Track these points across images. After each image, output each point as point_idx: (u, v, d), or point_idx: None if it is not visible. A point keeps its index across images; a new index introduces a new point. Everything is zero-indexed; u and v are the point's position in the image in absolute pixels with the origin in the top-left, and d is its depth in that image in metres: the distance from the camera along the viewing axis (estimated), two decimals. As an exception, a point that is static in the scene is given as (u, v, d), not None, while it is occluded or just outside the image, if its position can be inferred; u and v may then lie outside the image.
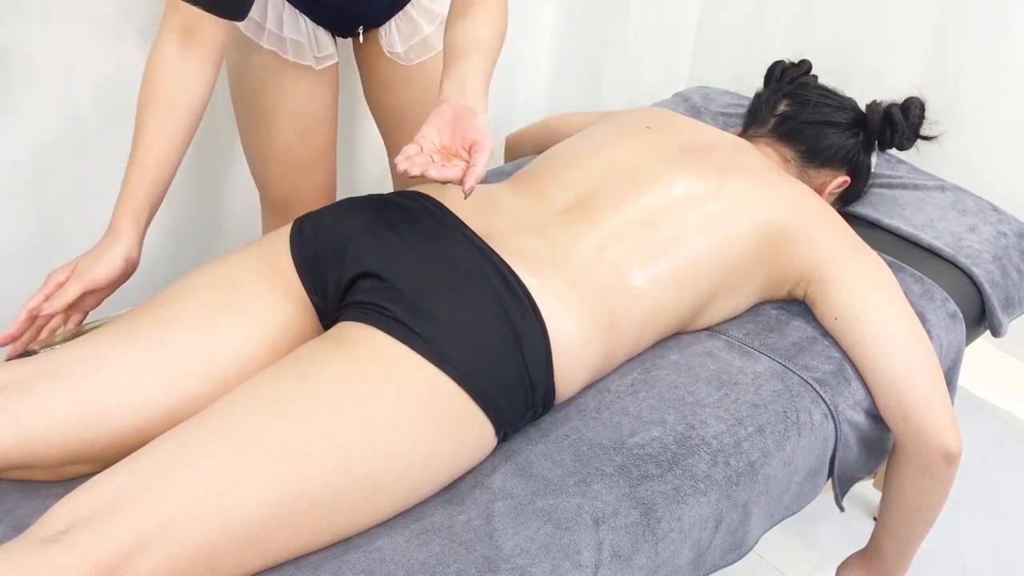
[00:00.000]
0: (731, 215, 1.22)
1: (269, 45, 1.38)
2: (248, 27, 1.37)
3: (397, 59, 1.50)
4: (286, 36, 1.38)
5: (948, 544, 1.67)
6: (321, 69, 1.44)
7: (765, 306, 1.33)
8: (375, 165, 1.97)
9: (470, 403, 1.00)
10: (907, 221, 1.53)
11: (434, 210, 1.15)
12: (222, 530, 0.87)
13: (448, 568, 0.94)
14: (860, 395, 1.24)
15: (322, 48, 1.43)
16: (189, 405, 1.02)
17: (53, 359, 1.02)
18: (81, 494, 0.88)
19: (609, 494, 1.03)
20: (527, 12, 2.05)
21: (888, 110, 1.44)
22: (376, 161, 1.96)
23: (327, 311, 1.12)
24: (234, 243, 1.84)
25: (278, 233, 1.16)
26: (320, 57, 1.43)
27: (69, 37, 1.47)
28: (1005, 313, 1.48)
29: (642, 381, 1.19)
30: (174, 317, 1.06)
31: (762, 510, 1.15)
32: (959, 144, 1.82)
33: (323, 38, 1.43)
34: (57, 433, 0.97)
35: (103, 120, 1.56)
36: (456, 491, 1.03)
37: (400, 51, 1.49)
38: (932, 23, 1.89)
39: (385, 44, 1.49)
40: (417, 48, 1.49)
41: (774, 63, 1.56)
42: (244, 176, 1.77)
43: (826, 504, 1.36)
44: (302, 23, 1.39)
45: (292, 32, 1.39)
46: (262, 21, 1.37)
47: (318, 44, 1.42)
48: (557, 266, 1.12)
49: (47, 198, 1.57)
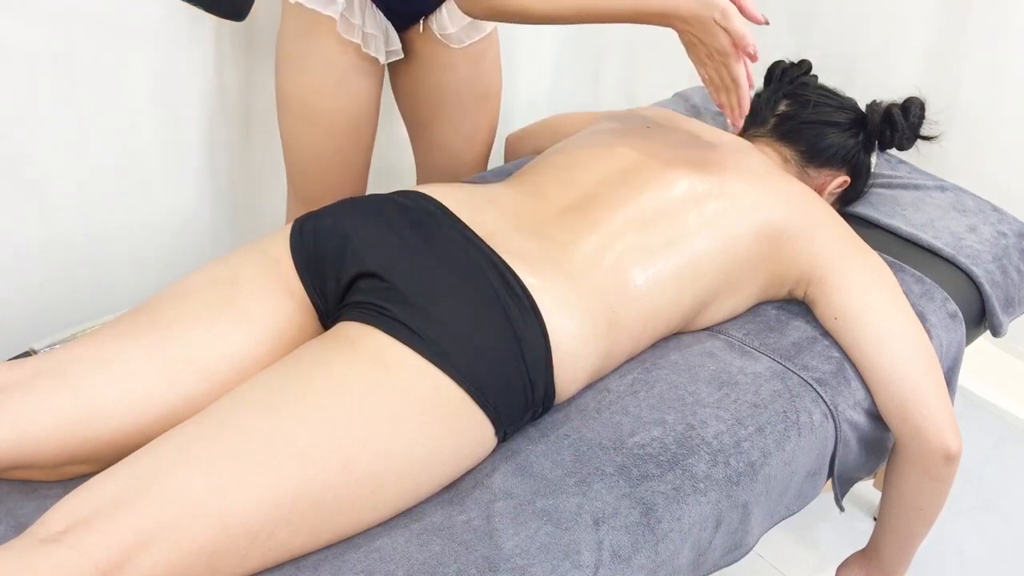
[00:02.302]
0: (731, 215, 1.22)
1: (354, 38, 1.41)
2: (341, 25, 1.40)
3: (449, 41, 1.51)
4: (369, 31, 1.41)
5: (948, 544, 1.67)
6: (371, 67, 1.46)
7: (765, 306, 1.34)
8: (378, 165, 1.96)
9: (470, 403, 1.00)
10: (907, 221, 1.53)
11: (434, 210, 1.15)
12: (223, 529, 0.87)
13: (448, 568, 0.94)
14: (860, 395, 1.24)
15: (391, 42, 1.46)
16: (189, 405, 1.02)
17: (53, 359, 1.02)
18: (81, 494, 0.88)
19: (609, 494, 1.03)
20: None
21: (888, 110, 1.44)
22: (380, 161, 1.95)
23: (327, 311, 1.12)
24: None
25: (278, 233, 1.16)
26: (390, 51, 1.47)
27: (69, 37, 1.47)
28: (1005, 313, 1.48)
29: (642, 381, 1.19)
30: (174, 317, 1.06)
31: (762, 510, 1.15)
32: (959, 144, 1.82)
33: (391, 33, 1.46)
34: (57, 433, 0.97)
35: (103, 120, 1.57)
36: (456, 491, 1.03)
37: (452, 32, 1.49)
38: (932, 23, 1.89)
39: (437, 27, 1.49)
40: (468, 29, 1.50)
41: (774, 63, 1.56)
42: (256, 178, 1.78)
43: (826, 504, 1.36)
44: (379, 17, 1.43)
45: (372, 27, 1.42)
46: (350, 16, 1.39)
47: (388, 38, 1.45)
48: (557, 266, 1.12)
49: (48, 197, 1.57)
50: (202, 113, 1.68)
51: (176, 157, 1.68)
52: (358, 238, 1.11)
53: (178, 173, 1.70)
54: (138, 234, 1.70)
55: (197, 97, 1.66)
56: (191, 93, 1.65)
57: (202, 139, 1.70)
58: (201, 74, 1.64)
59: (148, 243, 1.72)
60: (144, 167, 1.65)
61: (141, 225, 1.69)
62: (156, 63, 1.58)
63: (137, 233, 1.70)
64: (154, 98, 1.61)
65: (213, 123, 1.70)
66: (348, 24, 1.40)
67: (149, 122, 1.62)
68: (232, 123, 1.72)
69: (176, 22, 1.57)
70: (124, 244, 1.69)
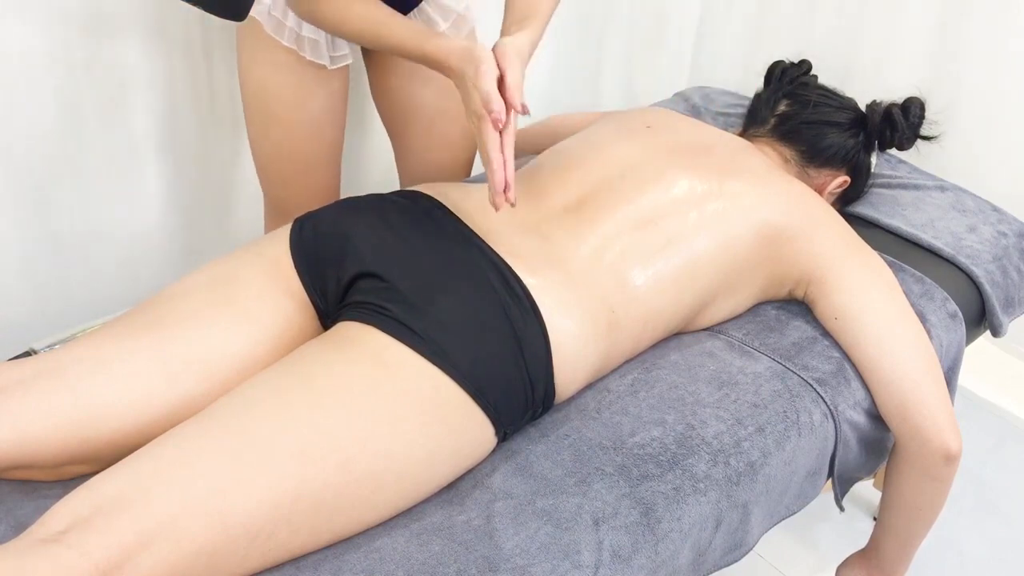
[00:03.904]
0: (731, 215, 1.22)
1: (289, 43, 1.38)
2: (269, 25, 1.37)
3: None
4: (305, 35, 1.38)
5: (948, 544, 1.67)
6: (333, 69, 1.44)
7: (765, 306, 1.33)
8: (378, 167, 1.97)
9: (470, 402, 1.00)
10: (907, 221, 1.53)
11: (434, 210, 1.15)
12: (223, 529, 0.87)
13: (448, 568, 0.94)
14: (860, 395, 1.24)
15: (337, 48, 1.43)
16: (189, 405, 1.02)
17: (53, 359, 1.02)
18: (81, 494, 0.88)
19: (609, 494, 1.03)
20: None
21: (888, 110, 1.44)
22: (377, 164, 1.96)
23: (327, 311, 1.12)
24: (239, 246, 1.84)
25: (278, 233, 1.17)
26: (335, 56, 1.44)
27: (69, 37, 1.47)
28: (1005, 313, 1.48)
29: (642, 381, 1.19)
30: (174, 317, 1.06)
31: (762, 510, 1.15)
32: (959, 144, 1.82)
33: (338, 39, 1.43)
34: (57, 433, 0.97)
35: (103, 120, 1.57)
36: (456, 491, 1.03)
37: None
38: (932, 22, 1.89)
39: None
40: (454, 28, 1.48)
41: (774, 63, 1.56)
42: (249, 179, 1.78)
43: (826, 504, 1.36)
44: None
45: (310, 31, 1.39)
46: (283, 19, 1.37)
47: (334, 44, 1.42)
48: (557, 265, 1.12)
49: (48, 197, 1.57)
50: (202, 113, 1.68)
51: (176, 157, 1.68)
52: (358, 238, 1.11)
53: (178, 173, 1.70)
54: (138, 234, 1.70)
55: (197, 97, 1.66)
56: (191, 93, 1.65)
57: (202, 139, 1.70)
58: (200, 73, 1.64)
59: (148, 243, 1.72)
60: (144, 167, 1.65)
61: (141, 225, 1.70)
62: (155, 63, 1.58)
63: (137, 233, 1.70)
64: (154, 98, 1.61)
65: (213, 123, 1.70)
66: (278, 24, 1.36)
67: (149, 122, 1.62)
68: (232, 123, 1.72)
69: (176, 22, 1.57)
70: (124, 244, 1.69)
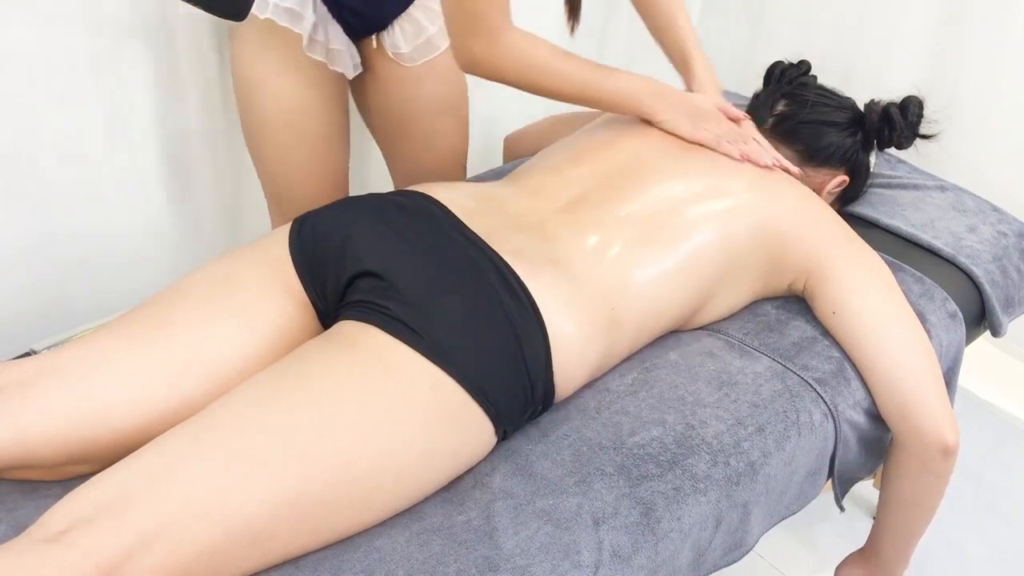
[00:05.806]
0: (730, 213, 1.22)
1: (319, 56, 1.38)
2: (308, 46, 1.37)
3: (401, 60, 1.48)
4: (334, 47, 1.39)
5: (948, 543, 1.67)
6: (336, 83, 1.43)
7: (765, 305, 1.34)
8: (378, 167, 1.96)
9: (469, 401, 1.00)
10: (907, 221, 1.53)
11: (433, 209, 1.15)
12: (224, 529, 0.87)
13: (448, 568, 0.94)
14: (860, 395, 1.24)
15: (354, 56, 1.43)
16: (189, 404, 1.02)
17: (54, 359, 1.02)
18: (81, 494, 0.88)
19: (609, 494, 1.03)
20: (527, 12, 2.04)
21: (886, 109, 1.44)
22: (378, 164, 1.96)
23: (327, 310, 1.12)
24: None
25: (277, 232, 1.16)
26: (356, 64, 1.44)
27: (68, 37, 1.47)
28: (1005, 313, 1.48)
29: (642, 381, 1.19)
30: (174, 317, 1.06)
31: (762, 510, 1.15)
32: (959, 144, 1.82)
33: (354, 48, 1.43)
34: (58, 432, 0.97)
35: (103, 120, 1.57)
36: (456, 491, 1.03)
37: (405, 52, 1.47)
38: (932, 23, 1.89)
39: (389, 46, 1.47)
40: (422, 48, 1.48)
41: (773, 63, 1.56)
42: (251, 179, 1.77)
43: (826, 504, 1.36)
44: (342, 32, 1.41)
45: (337, 42, 1.39)
46: (314, 34, 1.36)
47: (351, 52, 1.42)
48: (556, 264, 1.12)
49: (48, 197, 1.57)
50: (202, 113, 1.68)
51: (176, 156, 1.68)
52: (358, 237, 1.11)
53: (178, 173, 1.70)
54: (138, 234, 1.70)
55: (197, 97, 1.66)
56: (190, 93, 1.65)
57: (202, 138, 1.70)
58: (201, 73, 1.64)
59: (148, 243, 1.72)
60: (144, 167, 1.65)
61: (141, 224, 1.70)
62: (155, 63, 1.58)
63: (137, 233, 1.70)
64: (153, 98, 1.61)
65: (214, 123, 1.70)
66: (313, 43, 1.37)
67: (149, 122, 1.62)
68: (232, 123, 1.72)
69: (176, 22, 1.57)
70: (124, 244, 1.69)
